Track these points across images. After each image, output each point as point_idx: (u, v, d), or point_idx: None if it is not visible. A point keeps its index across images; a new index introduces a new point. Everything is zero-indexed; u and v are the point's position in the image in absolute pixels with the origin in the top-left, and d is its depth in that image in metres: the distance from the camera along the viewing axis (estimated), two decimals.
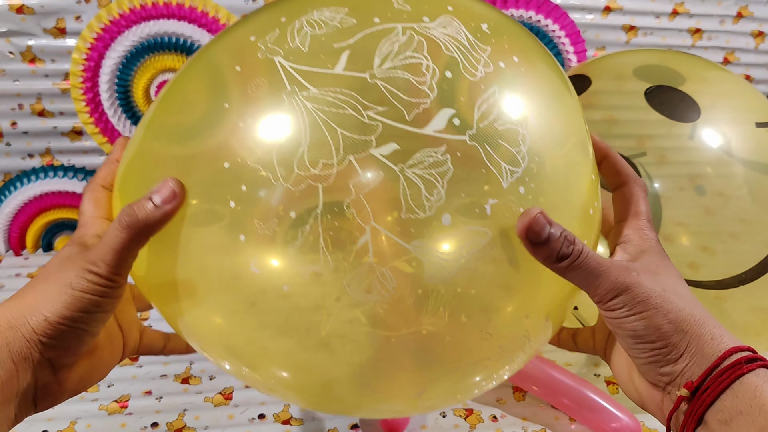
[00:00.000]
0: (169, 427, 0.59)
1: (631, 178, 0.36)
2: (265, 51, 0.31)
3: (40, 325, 0.29)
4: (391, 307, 0.30)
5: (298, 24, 0.31)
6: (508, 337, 0.33)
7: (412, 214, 0.28)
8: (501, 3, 0.83)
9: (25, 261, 0.86)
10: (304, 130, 0.29)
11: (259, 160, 0.29)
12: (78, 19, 0.77)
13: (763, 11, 0.92)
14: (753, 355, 0.29)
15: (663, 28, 0.91)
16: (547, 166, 0.31)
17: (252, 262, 0.30)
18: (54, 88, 0.80)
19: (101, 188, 0.36)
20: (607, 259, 0.31)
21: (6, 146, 0.83)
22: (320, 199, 0.28)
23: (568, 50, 0.87)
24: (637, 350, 0.31)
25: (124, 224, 0.30)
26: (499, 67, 0.31)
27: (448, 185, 0.29)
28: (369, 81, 0.29)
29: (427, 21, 0.31)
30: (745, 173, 0.52)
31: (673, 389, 0.30)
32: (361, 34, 0.31)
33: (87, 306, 0.30)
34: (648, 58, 0.60)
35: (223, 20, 0.78)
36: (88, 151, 0.85)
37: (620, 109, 0.57)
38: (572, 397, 0.59)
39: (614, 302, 0.30)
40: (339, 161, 0.28)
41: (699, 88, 0.55)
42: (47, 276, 0.31)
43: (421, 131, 0.29)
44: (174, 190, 0.30)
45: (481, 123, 0.29)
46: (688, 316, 0.30)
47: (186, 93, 0.34)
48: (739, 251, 0.51)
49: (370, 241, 0.29)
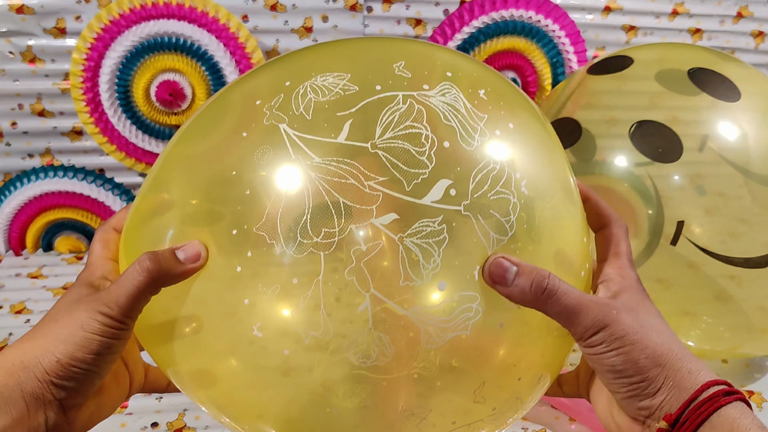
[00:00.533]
0: (169, 427, 0.59)
1: (613, 219, 0.37)
2: (270, 117, 0.32)
3: (53, 366, 0.30)
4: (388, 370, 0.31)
5: (302, 89, 0.32)
6: (500, 399, 0.34)
7: (410, 282, 0.30)
8: (501, 3, 0.83)
9: (25, 261, 0.86)
10: (307, 199, 0.30)
11: (264, 228, 0.30)
12: (78, 19, 0.77)
13: (763, 11, 0.92)
14: (729, 389, 0.30)
15: (663, 28, 0.91)
16: (536, 227, 0.32)
17: (255, 326, 0.31)
18: (54, 88, 0.80)
19: (112, 230, 0.37)
20: (587, 297, 0.31)
21: (6, 146, 0.83)
22: (322, 267, 0.29)
23: (568, 50, 0.87)
24: (616, 385, 0.31)
25: (144, 267, 0.31)
26: (495, 136, 0.33)
27: (444, 253, 0.30)
28: (370, 150, 0.30)
29: (427, 89, 0.32)
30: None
31: (653, 423, 0.31)
32: (363, 103, 0.31)
33: (98, 348, 0.30)
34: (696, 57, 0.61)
35: (223, 20, 0.78)
36: (88, 151, 0.85)
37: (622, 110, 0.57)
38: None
39: (594, 339, 0.31)
40: (341, 230, 0.29)
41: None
42: (58, 317, 0.31)
43: (419, 202, 0.30)
44: (199, 252, 0.31)
45: (475, 194, 0.31)
46: (666, 351, 0.31)
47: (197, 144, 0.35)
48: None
49: (369, 307, 0.30)
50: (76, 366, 0.30)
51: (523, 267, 0.30)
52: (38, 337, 0.31)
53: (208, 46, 0.78)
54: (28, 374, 0.29)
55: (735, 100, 0.55)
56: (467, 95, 0.33)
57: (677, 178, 0.53)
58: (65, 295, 0.33)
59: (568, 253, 0.34)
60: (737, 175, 0.52)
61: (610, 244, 0.36)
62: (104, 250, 0.36)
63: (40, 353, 0.30)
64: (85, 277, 0.34)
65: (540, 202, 0.33)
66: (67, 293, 0.33)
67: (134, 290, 0.31)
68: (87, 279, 0.34)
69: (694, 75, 0.57)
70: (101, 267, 0.35)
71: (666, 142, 0.54)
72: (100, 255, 0.36)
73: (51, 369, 0.30)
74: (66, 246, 0.88)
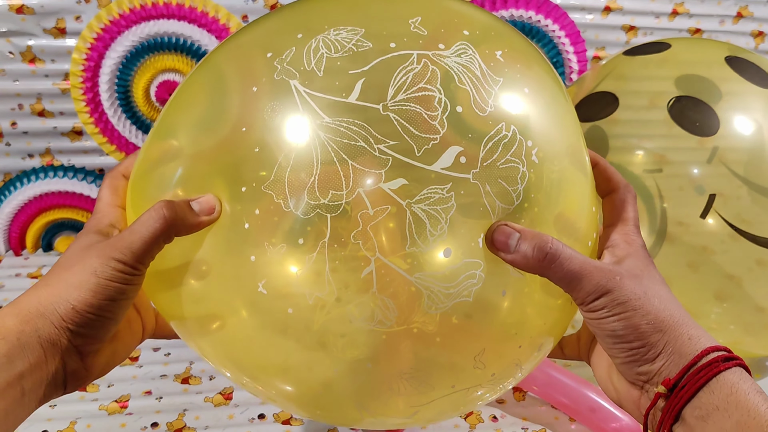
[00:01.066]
0: (169, 427, 0.59)
1: (621, 185, 0.37)
2: (281, 71, 0.31)
3: (68, 313, 0.30)
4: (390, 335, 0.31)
5: (314, 43, 0.32)
6: (500, 366, 0.34)
7: (416, 248, 0.29)
8: (501, 3, 0.83)
9: (25, 261, 0.86)
10: (315, 159, 0.29)
11: (271, 187, 0.30)
12: (78, 19, 0.77)
13: (763, 11, 0.92)
14: (729, 354, 0.30)
15: (663, 28, 0.91)
16: (544, 194, 0.32)
17: (260, 283, 0.31)
18: (54, 88, 0.80)
19: (122, 177, 0.37)
20: (590, 263, 0.31)
21: (6, 146, 0.83)
22: (328, 228, 0.29)
23: (567, 50, 0.87)
24: (616, 350, 0.32)
25: (161, 215, 0.31)
26: (509, 101, 0.32)
27: (450, 220, 0.30)
28: (381, 113, 0.30)
29: (443, 48, 0.32)
30: None
31: (651, 387, 0.31)
32: (376, 61, 0.31)
33: (112, 293, 0.31)
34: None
35: (223, 20, 0.78)
36: (88, 151, 0.85)
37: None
38: (572, 397, 0.59)
39: (595, 303, 0.31)
40: (348, 193, 0.29)
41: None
42: (70, 265, 0.31)
43: (429, 168, 0.30)
44: (214, 205, 0.31)
45: (485, 162, 0.30)
46: (668, 317, 0.31)
47: (198, 105, 0.34)
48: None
49: (374, 271, 0.29)
50: (92, 312, 0.30)
51: (525, 233, 0.30)
52: (52, 285, 0.31)
53: (208, 46, 0.78)
54: (45, 321, 0.30)
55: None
56: (483, 56, 0.32)
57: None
58: (75, 242, 0.33)
59: (575, 219, 0.34)
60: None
61: (617, 210, 0.36)
62: (112, 197, 0.36)
63: (55, 300, 0.30)
64: (94, 224, 0.34)
65: (549, 168, 0.32)
66: (77, 241, 0.33)
67: (150, 236, 0.31)
68: (96, 226, 0.34)
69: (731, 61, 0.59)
70: (109, 215, 0.35)
71: (703, 116, 0.55)
72: (108, 202, 0.36)
73: (67, 316, 0.30)
74: (66, 246, 0.88)
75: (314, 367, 0.33)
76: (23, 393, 0.29)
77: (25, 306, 0.30)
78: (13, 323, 0.29)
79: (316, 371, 0.33)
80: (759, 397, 0.28)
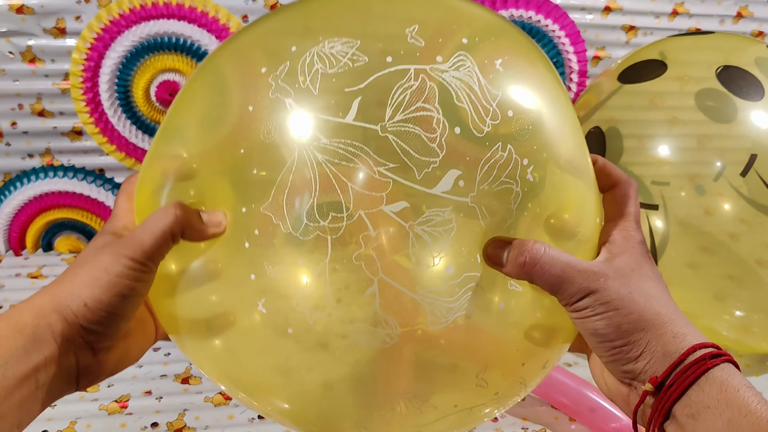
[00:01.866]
0: (169, 427, 0.59)
1: (623, 180, 0.37)
2: (276, 89, 0.31)
3: (81, 310, 0.31)
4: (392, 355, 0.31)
5: (308, 57, 0.31)
6: (504, 385, 0.34)
7: (419, 267, 0.29)
8: (501, 3, 0.83)
9: (25, 261, 0.86)
10: (313, 181, 0.29)
11: (270, 209, 0.30)
12: (78, 19, 0.77)
13: (763, 11, 0.92)
14: (717, 351, 0.30)
15: (663, 28, 0.91)
16: (540, 205, 0.32)
17: (260, 302, 0.31)
18: (54, 88, 0.80)
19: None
20: (574, 265, 0.32)
21: (6, 146, 0.83)
22: (329, 250, 0.29)
23: (567, 50, 0.87)
24: (601, 348, 0.32)
25: (172, 213, 0.31)
26: (507, 117, 0.31)
27: (451, 240, 0.30)
28: (380, 134, 0.29)
29: (440, 61, 0.31)
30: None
31: (639, 385, 0.31)
32: (373, 77, 0.30)
33: (122, 290, 0.31)
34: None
35: (223, 20, 0.78)
36: (88, 151, 0.85)
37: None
38: (572, 397, 0.59)
39: (579, 304, 0.31)
40: (349, 216, 0.29)
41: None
42: (83, 263, 0.32)
43: (430, 191, 0.30)
44: (221, 221, 0.32)
45: (482, 185, 0.30)
46: (652, 316, 0.31)
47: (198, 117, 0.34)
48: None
49: (377, 292, 0.30)
50: (102, 309, 0.31)
51: (514, 243, 0.31)
52: (65, 282, 0.31)
53: (208, 46, 0.78)
54: (58, 317, 0.30)
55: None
56: (482, 67, 0.31)
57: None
58: (91, 243, 0.34)
59: (573, 222, 0.34)
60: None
61: (619, 205, 0.36)
62: (128, 202, 0.37)
63: (68, 297, 0.31)
64: (110, 227, 0.35)
65: (546, 179, 0.32)
66: (93, 241, 0.34)
67: (160, 233, 0.31)
68: (111, 229, 0.35)
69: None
70: (124, 218, 0.36)
71: (749, 83, 0.59)
72: (124, 207, 0.36)
73: (79, 313, 0.30)
74: (66, 246, 0.88)
75: (313, 387, 0.33)
76: (37, 386, 0.29)
77: (40, 302, 0.31)
78: (29, 318, 0.30)
79: (315, 390, 0.33)
80: (749, 393, 0.28)
